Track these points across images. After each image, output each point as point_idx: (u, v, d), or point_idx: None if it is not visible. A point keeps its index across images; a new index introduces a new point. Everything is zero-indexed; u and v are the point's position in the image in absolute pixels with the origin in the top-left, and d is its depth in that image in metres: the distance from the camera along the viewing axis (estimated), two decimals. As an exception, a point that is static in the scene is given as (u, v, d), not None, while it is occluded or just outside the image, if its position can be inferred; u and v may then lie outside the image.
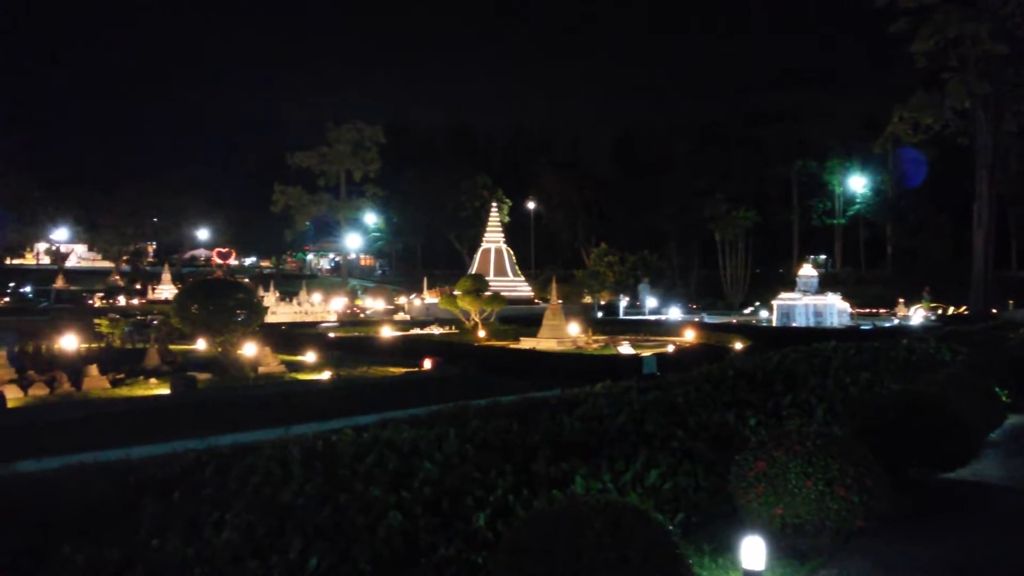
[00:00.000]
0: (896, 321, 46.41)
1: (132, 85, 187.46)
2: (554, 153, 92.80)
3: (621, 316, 54.23)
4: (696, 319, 47.09)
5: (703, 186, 76.34)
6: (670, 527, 5.61)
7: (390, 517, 7.10)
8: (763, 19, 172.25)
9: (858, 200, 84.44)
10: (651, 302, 58.63)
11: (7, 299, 68.79)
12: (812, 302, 43.33)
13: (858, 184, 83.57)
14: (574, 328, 33.20)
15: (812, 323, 42.08)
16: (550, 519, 5.10)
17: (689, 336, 33.64)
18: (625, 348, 28.88)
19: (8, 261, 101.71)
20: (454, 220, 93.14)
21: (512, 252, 67.39)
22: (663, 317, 51.03)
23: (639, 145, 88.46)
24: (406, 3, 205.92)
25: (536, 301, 60.49)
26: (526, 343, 31.44)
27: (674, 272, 77.81)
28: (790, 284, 48.66)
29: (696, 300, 69.21)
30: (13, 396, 17.42)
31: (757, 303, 58.81)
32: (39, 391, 18.36)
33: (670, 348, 29.51)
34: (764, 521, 7.37)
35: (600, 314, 55.17)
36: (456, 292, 38.63)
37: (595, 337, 33.38)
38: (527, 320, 39.28)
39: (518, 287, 63.43)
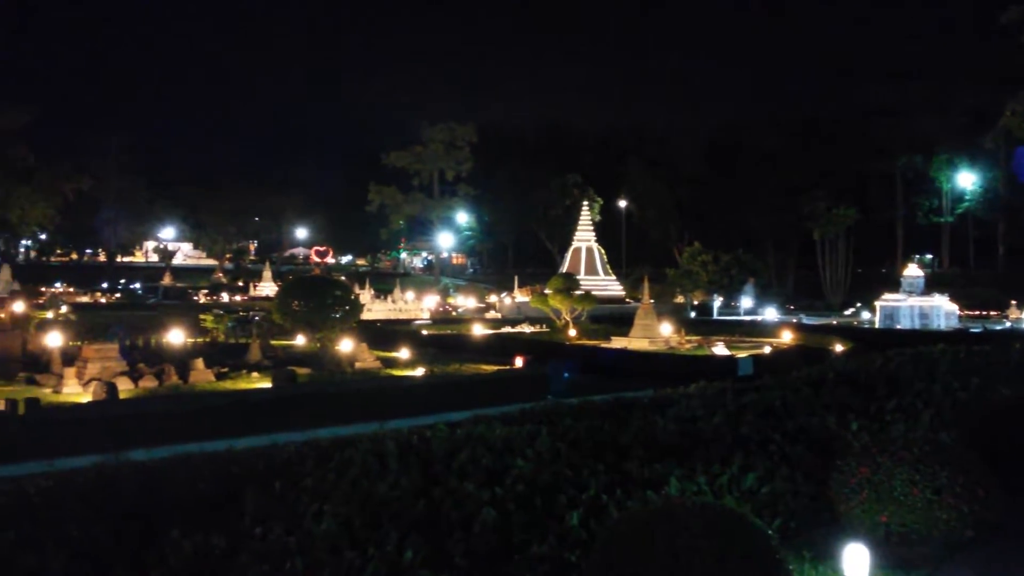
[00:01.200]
0: (1008, 324, 44.24)
1: (231, 87, 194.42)
2: (645, 151, 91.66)
3: (715, 316, 53.34)
4: (793, 320, 45.93)
5: (801, 183, 74.28)
6: (768, 532, 5.48)
7: (484, 513, 7.15)
8: (866, 10, 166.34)
9: (967, 197, 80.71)
10: (746, 302, 57.47)
11: (118, 295, 72.19)
12: (918, 303, 41.73)
13: (967, 180, 79.86)
14: (666, 328, 32.81)
15: (917, 325, 40.52)
16: (646, 520, 5.04)
17: (786, 337, 32.82)
18: (719, 349, 28.39)
19: (119, 259, 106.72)
20: (545, 219, 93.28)
21: (603, 251, 67.03)
22: (759, 318, 49.92)
23: (733, 141, 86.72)
24: (497, 2, 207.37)
25: (627, 300, 60.02)
26: (617, 342, 31.23)
27: (770, 272, 76.00)
28: (893, 285, 46.98)
29: (793, 301, 67.43)
30: (125, 387, 18.29)
31: (858, 304, 56.97)
32: (149, 383, 19.21)
33: (766, 349, 28.87)
34: (867, 529, 7.13)
35: (693, 314, 54.38)
36: (547, 291, 38.68)
37: (688, 337, 32.91)
38: (618, 319, 39.02)
39: (609, 286, 63.06)
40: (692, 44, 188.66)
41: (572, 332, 34.98)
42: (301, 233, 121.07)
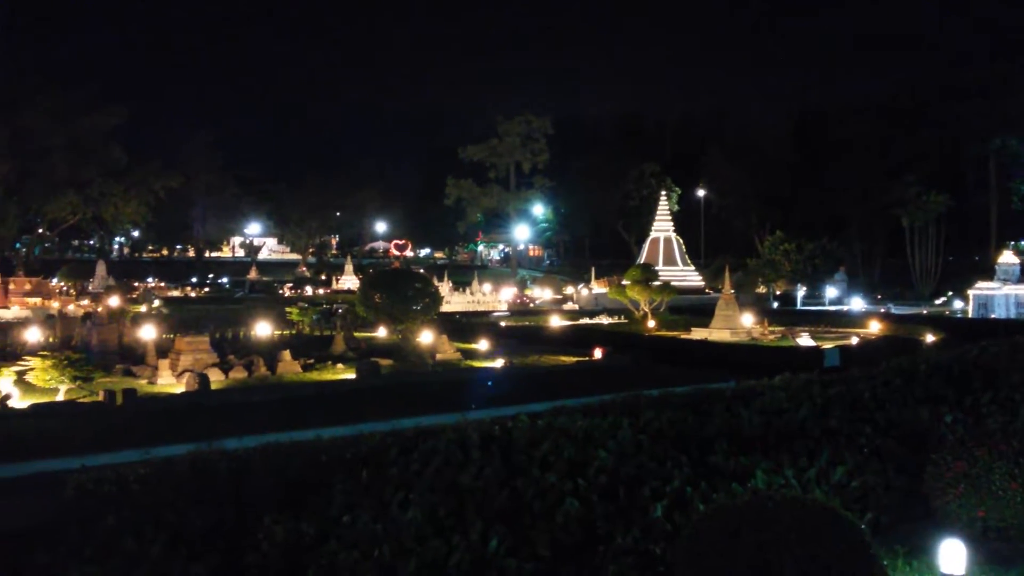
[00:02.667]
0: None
1: (313, 85, 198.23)
2: (725, 139, 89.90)
3: (799, 307, 52.10)
4: (881, 310, 44.55)
5: (889, 168, 71.81)
6: (862, 527, 5.35)
7: (567, 503, 7.17)
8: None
9: (1066, 180, 76.80)
10: (831, 292, 55.99)
11: (207, 289, 74.57)
12: (1013, 292, 39.99)
13: (1066, 163, 75.97)
14: (748, 319, 32.21)
15: (1013, 315, 38.84)
16: (734, 513, 4.98)
17: (874, 328, 31.86)
18: (804, 340, 27.74)
19: (208, 254, 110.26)
20: (622, 209, 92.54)
21: (682, 241, 66.17)
22: (845, 308, 48.52)
23: (817, 126, 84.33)
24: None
25: (707, 291, 59.12)
26: (697, 333, 30.80)
27: (856, 261, 73.73)
28: (987, 273, 45.12)
29: (881, 290, 65.37)
30: (216, 378, 18.89)
31: (950, 293, 54.93)
32: (239, 374, 19.79)
33: (853, 340, 28.08)
34: (963, 524, 6.90)
35: (776, 304, 53.24)
36: (625, 282, 38.39)
37: (771, 328, 32.20)
38: (698, 310, 38.51)
39: (688, 277, 62.26)
40: (771, 28, 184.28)
41: (651, 323, 34.66)
42: (381, 227, 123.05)
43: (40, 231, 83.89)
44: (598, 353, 23.66)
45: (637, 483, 7.70)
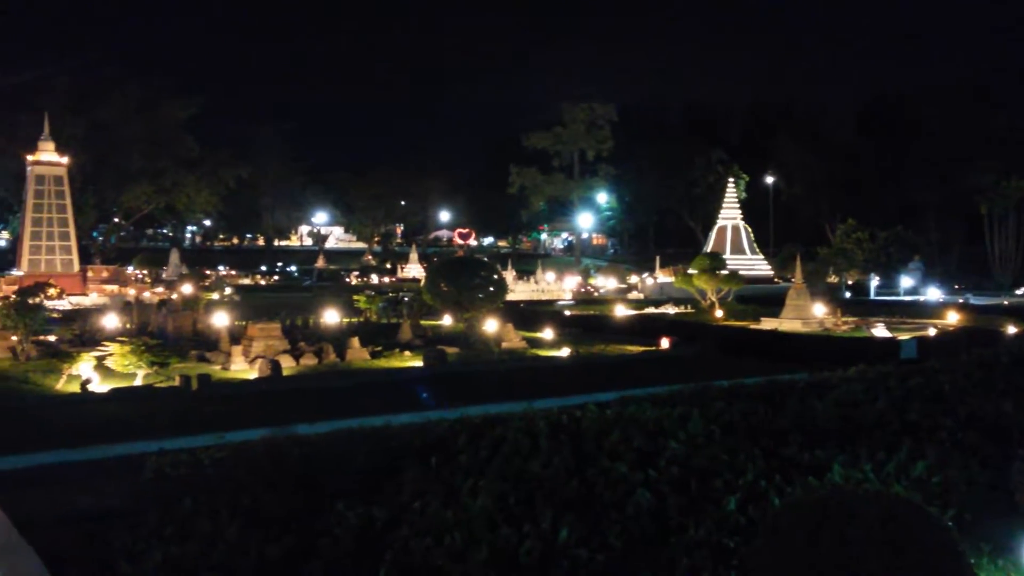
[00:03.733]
0: None
1: (376, 74, 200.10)
2: (794, 124, 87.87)
3: (872, 297, 50.74)
4: (959, 300, 43.05)
5: (966, 154, 69.36)
6: (948, 524, 5.17)
7: (638, 494, 7.09)
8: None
9: None
10: (907, 282, 54.42)
11: (276, 277, 76.14)
12: (1101, 281, 38.30)
13: None
14: (820, 308, 31.45)
15: (1100, 305, 37.19)
16: (813, 508, 4.83)
17: (952, 319, 30.81)
18: (879, 331, 26.97)
19: (276, 243, 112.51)
20: (687, 197, 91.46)
21: (750, 229, 65.05)
22: (920, 298, 47.08)
23: (890, 110, 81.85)
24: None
25: (776, 280, 58.04)
26: (767, 324, 30.21)
27: (933, 249, 71.54)
28: (1073, 261, 43.31)
29: (959, 279, 63.28)
30: (287, 364, 19.24)
31: (1031, 282, 52.89)
32: (309, 361, 20.13)
33: (931, 331, 27.20)
34: (1053, 523, 6.61)
35: (848, 294, 51.99)
36: (691, 271, 37.89)
37: (844, 318, 31.40)
38: (766, 300, 37.75)
39: (756, 265, 61.21)
40: (840, 10, 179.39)
41: (719, 313, 34.14)
42: (444, 216, 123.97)
43: (116, 220, 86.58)
44: (665, 343, 23.40)
45: (709, 475, 7.59)
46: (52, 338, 23.82)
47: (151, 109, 76.27)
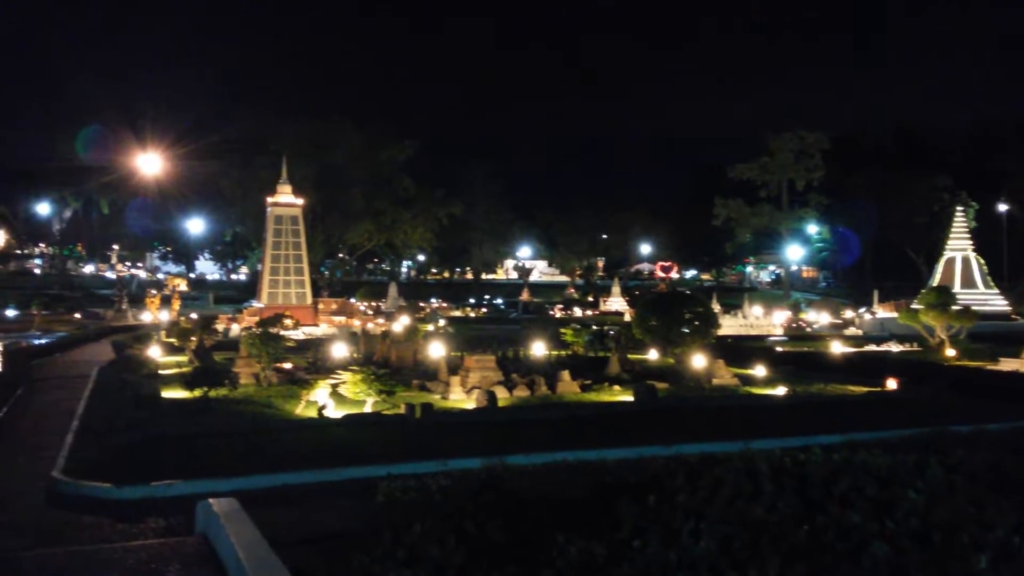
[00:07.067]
0: None
1: (575, 111, 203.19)
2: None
3: None
4: None
5: None
6: None
7: (874, 546, 6.72)
8: None
9: None
10: None
11: (484, 309, 78.71)
12: None
13: None
14: (1071, 348, 28.43)
15: None
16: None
17: None
18: None
19: (484, 276, 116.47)
20: (907, 227, 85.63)
21: (982, 261, 59.88)
22: None
23: None
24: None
25: (1012, 317, 53.03)
26: (1007, 364, 27.61)
27: None
28: None
29: None
30: (502, 396, 19.89)
31: None
32: (521, 392, 20.69)
33: None
34: None
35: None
36: (917, 305, 35.42)
37: (1100, 360, 28.16)
38: (1004, 338, 34.62)
39: (990, 300, 56.14)
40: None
41: (950, 352, 31.64)
42: (646, 248, 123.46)
43: (341, 255, 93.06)
44: (892, 383, 21.99)
45: (952, 529, 7.06)
46: (288, 365, 25.89)
47: (373, 153, 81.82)
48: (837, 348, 33.72)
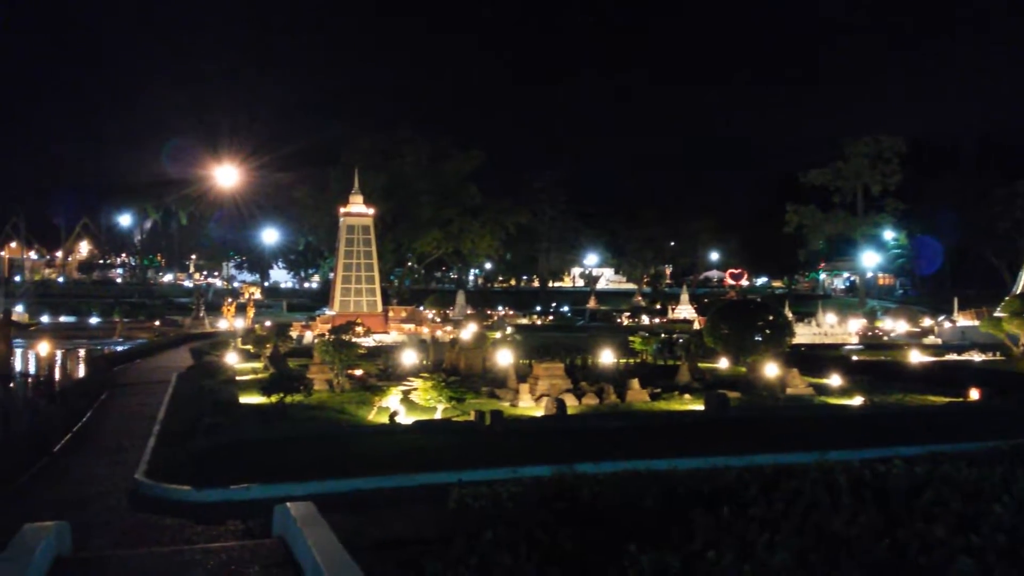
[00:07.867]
0: None
1: (644, 120, 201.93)
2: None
3: None
4: None
5: None
6: None
7: (959, 562, 6.53)
8: None
9: None
10: None
11: (551, 317, 78.64)
12: None
13: None
14: None
15: None
16: None
17: None
18: None
19: (550, 284, 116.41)
20: (989, 233, 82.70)
21: (1073, 267, 57.44)
22: None
23: None
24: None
25: (1103, 325, 50.70)
26: (1097, 375, 26.51)
27: None
28: None
29: None
30: (570, 403, 19.84)
31: None
32: (590, 400, 20.61)
33: None
34: None
35: None
36: (1000, 314, 34.20)
37: None
38: (1095, 348, 33.10)
39: (1079, 308, 53.85)
40: None
41: (1034, 362, 30.52)
42: (714, 256, 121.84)
43: (409, 264, 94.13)
44: (974, 394, 21.27)
45: (1043, 545, 6.81)
46: (359, 372, 26.28)
47: (441, 163, 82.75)
48: (916, 357, 32.75)
